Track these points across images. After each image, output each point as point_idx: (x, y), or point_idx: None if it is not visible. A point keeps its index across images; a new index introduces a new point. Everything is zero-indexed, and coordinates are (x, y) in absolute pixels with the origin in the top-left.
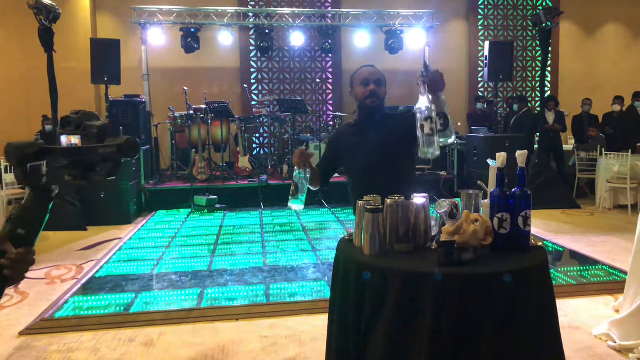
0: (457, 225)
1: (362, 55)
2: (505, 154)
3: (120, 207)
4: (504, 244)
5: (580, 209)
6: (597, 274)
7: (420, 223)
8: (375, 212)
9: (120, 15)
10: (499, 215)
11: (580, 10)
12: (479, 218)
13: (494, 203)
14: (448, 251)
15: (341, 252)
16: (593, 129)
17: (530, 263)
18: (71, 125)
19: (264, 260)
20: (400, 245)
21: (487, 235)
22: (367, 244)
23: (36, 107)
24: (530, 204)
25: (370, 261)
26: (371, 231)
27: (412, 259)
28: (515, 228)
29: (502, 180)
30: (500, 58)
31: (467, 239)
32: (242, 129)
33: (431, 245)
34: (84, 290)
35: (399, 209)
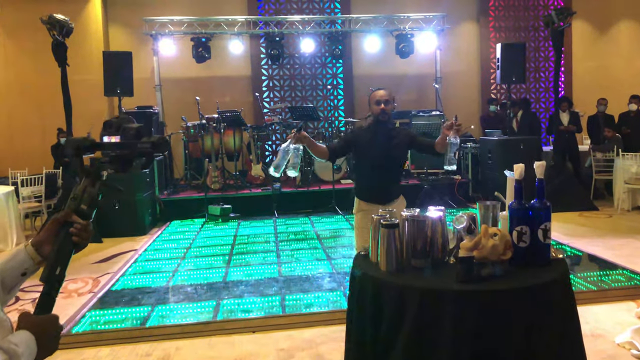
0: (476, 240)
1: (372, 60)
2: (523, 165)
3: (135, 218)
4: (523, 257)
5: (598, 211)
6: (617, 279)
7: (438, 237)
8: (391, 227)
9: (132, 26)
10: (518, 228)
11: (592, 8)
12: (497, 232)
13: (513, 216)
14: (467, 267)
15: (357, 268)
16: (609, 129)
17: (552, 277)
18: (112, 127)
19: (278, 270)
20: (417, 261)
21: (506, 249)
22: (383, 259)
23: (51, 120)
24: (550, 216)
25: (387, 278)
26: (387, 247)
27: (429, 275)
28: (535, 241)
29: (520, 192)
30: (512, 60)
31: (486, 254)
32: (255, 137)
33: (449, 260)
34: (101, 304)
35: (416, 224)
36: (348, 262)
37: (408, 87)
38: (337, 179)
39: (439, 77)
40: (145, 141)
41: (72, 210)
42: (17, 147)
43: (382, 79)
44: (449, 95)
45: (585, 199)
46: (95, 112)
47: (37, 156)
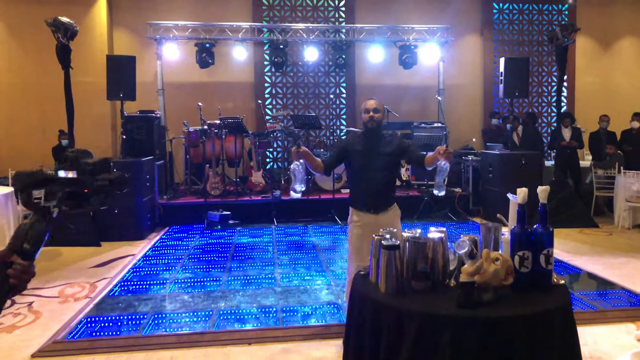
0: (477, 265)
1: (375, 70)
2: (526, 189)
3: (134, 223)
4: (525, 283)
5: (598, 228)
6: (617, 299)
7: (439, 258)
8: (392, 248)
9: (136, 30)
10: (520, 253)
11: (596, 24)
12: (499, 257)
13: (515, 240)
14: (468, 292)
15: (356, 288)
16: (611, 146)
17: (553, 304)
18: (67, 161)
19: (276, 281)
20: (417, 283)
21: (508, 274)
22: (383, 281)
23: (53, 122)
24: (552, 242)
25: (387, 300)
26: (387, 268)
27: (430, 299)
28: (536, 266)
29: (523, 216)
30: (515, 74)
31: (487, 279)
32: (256, 144)
33: (450, 282)
34: (97, 310)
35: (416, 245)
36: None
37: (410, 98)
38: (337, 188)
39: (441, 89)
40: (102, 178)
41: (13, 249)
42: (18, 148)
43: (384, 89)
44: (451, 107)
45: (586, 216)
46: (98, 115)
47: (38, 157)
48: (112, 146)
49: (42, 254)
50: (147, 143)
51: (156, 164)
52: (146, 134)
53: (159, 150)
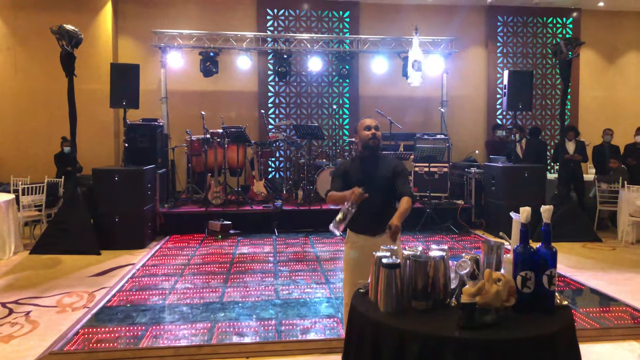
0: (479, 286)
1: (379, 81)
2: (530, 209)
3: (135, 232)
4: (527, 304)
5: (602, 243)
6: (620, 316)
7: (439, 277)
8: (392, 267)
9: (141, 38)
10: (522, 273)
11: (601, 38)
12: (501, 277)
13: (518, 260)
14: (469, 314)
15: (355, 307)
16: (614, 160)
17: (557, 327)
18: None
19: (276, 293)
20: (418, 303)
21: (510, 295)
22: (382, 299)
23: (57, 128)
24: (555, 262)
25: (387, 320)
26: (387, 287)
27: (430, 319)
28: (539, 287)
29: (526, 235)
30: (519, 87)
31: (489, 300)
32: (258, 154)
33: (451, 302)
34: (95, 320)
35: (417, 264)
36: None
37: (414, 110)
38: None
39: (445, 101)
40: None
41: None
42: (23, 154)
43: (388, 100)
44: (455, 119)
45: (589, 230)
46: (101, 123)
47: (41, 164)
48: (114, 154)
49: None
50: (150, 151)
51: (158, 173)
52: (149, 142)
53: (161, 158)
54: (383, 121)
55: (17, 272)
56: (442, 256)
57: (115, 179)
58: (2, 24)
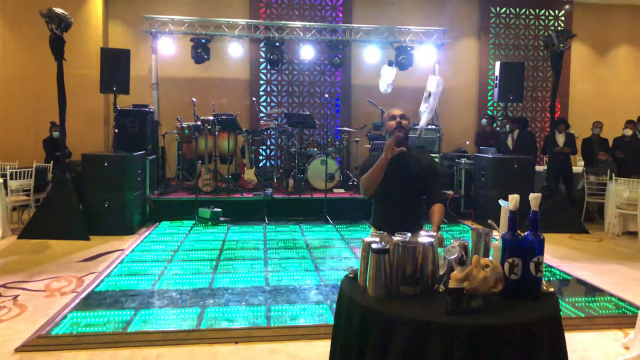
0: (467, 271)
1: (371, 71)
2: (518, 196)
3: (124, 218)
4: (514, 290)
5: (589, 234)
6: (605, 306)
7: (428, 263)
8: (382, 253)
9: (132, 23)
10: (510, 260)
11: (592, 31)
12: (489, 264)
13: (505, 247)
14: (456, 299)
15: (344, 291)
16: (603, 152)
17: (542, 313)
18: None
19: (265, 279)
20: (406, 288)
21: (497, 282)
22: (371, 285)
23: (46, 113)
24: (543, 249)
25: (375, 305)
26: (376, 273)
27: (418, 305)
28: (526, 274)
29: (514, 223)
30: (510, 79)
31: (476, 286)
32: (249, 141)
33: (438, 288)
34: (83, 305)
35: (406, 249)
36: (336, 275)
37: (406, 100)
38: (330, 188)
39: None
40: None
41: None
42: (10, 139)
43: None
44: (446, 109)
45: (577, 222)
46: (91, 108)
47: (30, 149)
48: (104, 139)
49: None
50: (140, 137)
51: (148, 159)
52: (139, 128)
53: (151, 145)
54: (375, 111)
55: (5, 256)
56: (431, 242)
57: (105, 164)
58: None
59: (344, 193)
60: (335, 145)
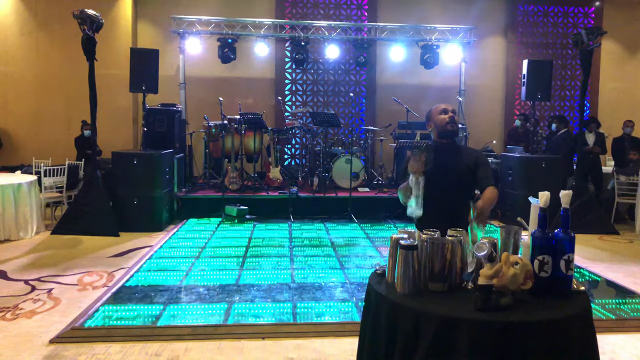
0: (496, 268)
1: (396, 69)
2: (549, 193)
3: (153, 214)
4: (544, 288)
5: (619, 235)
6: (636, 308)
7: (456, 260)
8: (410, 249)
9: (160, 24)
10: (540, 257)
11: (623, 28)
12: (519, 261)
13: (535, 245)
14: (486, 296)
15: (372, 287)
16: (634, 152)
17: (573, 311)
18: None
19: (291, 277)
20: (434, 284)
21: (527, 279)
22: (399, 281)
23: (76, 112)
24: (573, 247)
25: (403, 301)
26: (404, 268)
27: (447, 301)
28: (556, 271)
29: (544, 220)
30: (538, 77)
31: (505, 283)
32: (275, 140)
33: (467, 285)
34: (114, 299)
35: (435, 246)
36: (361, 273)
37: (431, 99)
38: (355, 187)
39: (462, 90)
40: None
41: None
42: (43, 137)
43: (405, 88)
44: (472, 108)
45: (606, 222)
46: (120, 107)
47: (62, 147)
48: (133, 138)
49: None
50: (168, 136)
51: (176, 157)
52: (167, 127)
53: (179, 143)
54: (400, 109)
55: (39, 251)
56: (460, 239)
57: (134, 162)
58: (24, 9)
59: (368, 192)
60: (360, 144)
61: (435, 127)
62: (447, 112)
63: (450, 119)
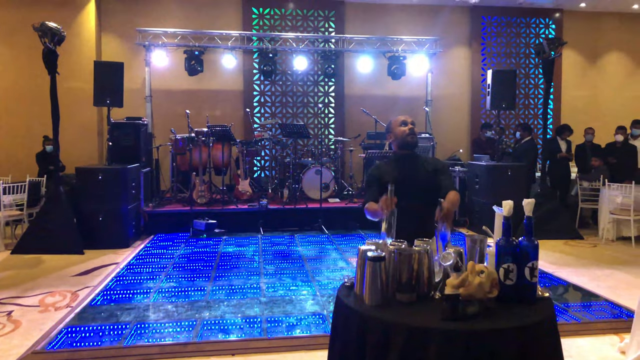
0: (462, 277)
1: (364, 81)
2: (512, 202)
3: (119, 230)
4: (510, 295)
5: (583, 240)
6: (601, 311)
7: (424, 270)
8: (378, 260)
9: (125, 36)
10: (505, 265)
11: (583, 38)
12: (484, 269)
13: (500, 253)
14: (453, 305)
15: (341, 300)
16: (596, 158)
17: (538, 317)
18: None
19: (261, 291)
20: (403, 295)
21: (492, 287)
22: (368, 292)
23: (39, 126)
24: (537, 255)
25: (372, 313)
26: (372, 281)
27: (415, 311)
28: (521, 279)
29: (509, 229)
30: (502, 86)
31: (472, 292)
32: (244, 152)
33: (435, 295)
34: (78, 320)
35: (402, 256)
36: (332, 284)
37: (399, 109)
38: (325, 198)
39: (429, 100)
40: None
41: None
42: (3, 153)
43: (373, 99)
44: (439, 118)
45: (571, 228)
46: (84, 121)
47: (23, 163)
48: (98, 152)
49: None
50: (134, 150)
51: (142, 171)
52: (133, 141)
53: (145, 157)
54: (368, 120)
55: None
56: (426, 249)
57: (99, 177)
58: None
59: (339, 202)
60: (330, 155)
61: (395, 139)
62: (407, 124)
63: (410, 131)
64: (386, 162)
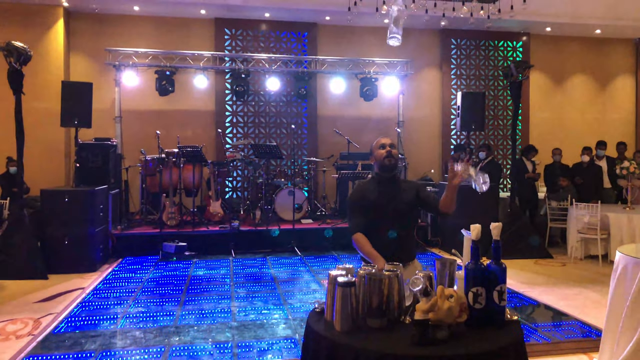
0: (432, 302)
1: (337, 101)
2: (480, 226)
3: (85, 254)
4: (479, 319)
5: (552, 259)
6: (571, 331)
7: (394, 294)
8: (348, 285)
9: (94, 56)
10: (473, 289)
11: (549, 62)
12: (453, 294)
13: (469, 277)
14: (422, 330)
15: (311, 327)
16: (564, 178)
17: (506, 341)
18: None
19: (232, 315)
20: (373, 321)
21: (462, 311)
22: (338, 318)
23: (2, 147)
24: (505, 278)
25: (342, 340)
26: (342, 306)
27: (385, 337)
28: (490, 303)
29: (477, 252)
30: (472, 108)
31: (441, 317)
32: (215, 173)
33: (405, 319)
34: (41, 349)
35: (372, 282)
36: (304, 307)
37: (371, 130)
38: (298, 219)
39: (401, 121)
40: None
41: None
42: None
43: (346, 120)
44: (411, 139)
45: (541, 247)
46: (51, 142)
47: None
48: (65, 174)
49: None
50: (102, 171)
51: (111, 193)
52: (101, 162)
53: (114, 178)
54: (341, 141)
55: None
56: (397, 273)
57: (65, 200)
58: None
59: (312, 223)
60: (303, 176)
61: (375, 161)
62: (385, 147)
63: (388, 153)
64: (365, 184)
